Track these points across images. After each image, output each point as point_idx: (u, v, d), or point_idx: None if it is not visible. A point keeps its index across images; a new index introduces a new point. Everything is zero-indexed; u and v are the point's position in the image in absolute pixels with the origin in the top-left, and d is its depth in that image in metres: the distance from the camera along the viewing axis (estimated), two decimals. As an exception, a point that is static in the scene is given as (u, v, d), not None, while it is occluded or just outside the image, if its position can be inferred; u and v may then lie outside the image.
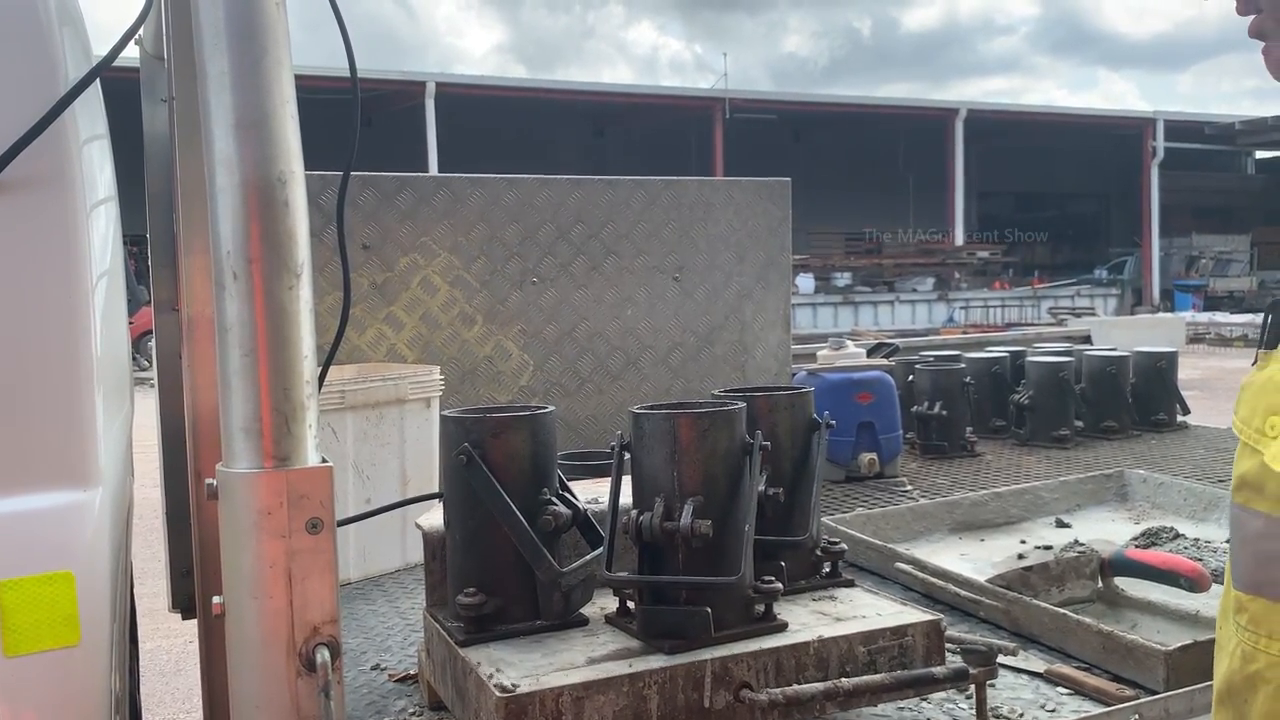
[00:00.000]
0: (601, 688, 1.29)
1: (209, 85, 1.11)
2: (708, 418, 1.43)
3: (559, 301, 3.55)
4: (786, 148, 33.10)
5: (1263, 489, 1.01)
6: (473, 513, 1.49)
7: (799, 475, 1.63)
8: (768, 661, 1.37)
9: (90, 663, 1.38)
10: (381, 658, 2.10)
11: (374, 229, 3.29)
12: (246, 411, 1.08)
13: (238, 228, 1.08)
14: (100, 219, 1.62)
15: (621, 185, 3.64)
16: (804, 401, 1.67)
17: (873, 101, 35.13)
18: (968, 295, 29.62)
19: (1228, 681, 1.07)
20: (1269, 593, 1.02)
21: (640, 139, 32.66)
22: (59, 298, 1.42)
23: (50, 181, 1.42)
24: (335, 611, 1.10)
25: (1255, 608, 1.03)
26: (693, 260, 3.74)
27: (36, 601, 1.33)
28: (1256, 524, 1.03)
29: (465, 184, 3.43)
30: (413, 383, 2.79)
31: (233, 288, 1.08)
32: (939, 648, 1.48)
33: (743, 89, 34.55)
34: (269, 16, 1.13)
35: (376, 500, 2.56)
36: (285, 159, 1.10)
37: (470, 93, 28.83)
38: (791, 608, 1.52)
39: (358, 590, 2.60)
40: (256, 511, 1.08)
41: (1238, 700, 1.05)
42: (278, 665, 1.09)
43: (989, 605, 2.09)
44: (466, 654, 1.41)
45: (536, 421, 1.52)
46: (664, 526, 1.39)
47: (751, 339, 3.85)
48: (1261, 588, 1.02)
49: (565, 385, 3.57)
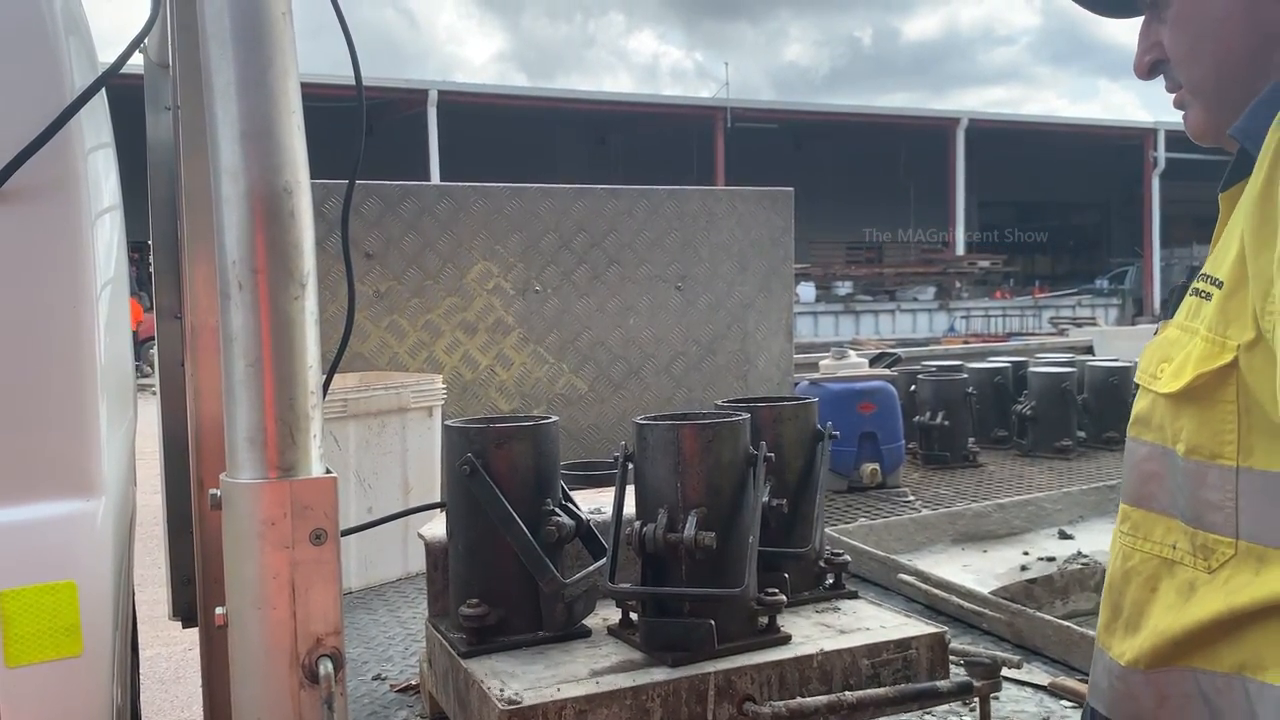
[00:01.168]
0: (605, 700, 1.29)
1: (215, 95, 1.11)
2: (712, 429, 1.43)
3: (561, 310, 3.55)
4: (788, 156, 33.14)
5: (1149, 422, 1.25)
6: (475, 523, 1.49)
7: (802, 486, 1.63)
8: (771, 674, 1.37)
9: (92, 673, 1.37)
10: (383, 668, 2.10)
11: (377, 237, 3.30)
12: (251, 421, 1.08)
13: (243, 238, 1.08)
14: (105, 227, 1.62)
15: (625, 195, 3.65)
16: (808, 412, 1.67)
17: (874, 111, 35.18)
18: (969, 304, 29.64)
19: (1110, 578, 1.30)
20: (1146, 505, 1.26)
21: (642, 147, 32.69)
22: (63, 306, 1.42)
23: (55, 190, 1.42)
24: (339, 623, 1.10)
25: (1136, 516, 1.27)
26: (695, 269, 3.74)
27: (39, 611, 1.33)
28: (1142, 450, 1.26)
29: (468, 193, 3.43)
30: (415, 391, 2.79)
31: (238, 298, 1.07)
32: (943, 660, 1.47)
33: (744, 98, 34.63)
34: (275, 26, 1.12)
35: (378, 509, 2.55)
36: (291, 169, 1.10)
37: (472, 101, 28.88)
38: (795, 620, 1.52)
39: (359, 599, 2.59)
40: (260, 522, 1.07)
41: (1115, 593, 1.29)
42: (281, 676, 1.08)
43: (992, 617, 2.09)
44: (469, 665, 1.40)
45: (540, 431, 1.52)
46: (667, 538, 1.38)
47: (754, 348, 3.85)
48: (1141, 501, 1.27)
49: (568, 394, 3.57)
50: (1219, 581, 1.16)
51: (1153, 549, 1.25)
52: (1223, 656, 1.16)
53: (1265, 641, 1.13)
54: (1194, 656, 1.18)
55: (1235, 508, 1.14)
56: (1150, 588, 1.24)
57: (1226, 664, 1.16)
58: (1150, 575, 1.25)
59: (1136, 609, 1.26)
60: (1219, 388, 1.13)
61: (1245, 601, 1.13)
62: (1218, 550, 1.16)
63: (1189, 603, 1.18)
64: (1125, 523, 1.30)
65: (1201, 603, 1.17)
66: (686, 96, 43.64)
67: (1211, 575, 1.17)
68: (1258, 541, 1.13)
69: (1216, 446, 1.15)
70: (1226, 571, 1.16)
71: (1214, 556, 1.17)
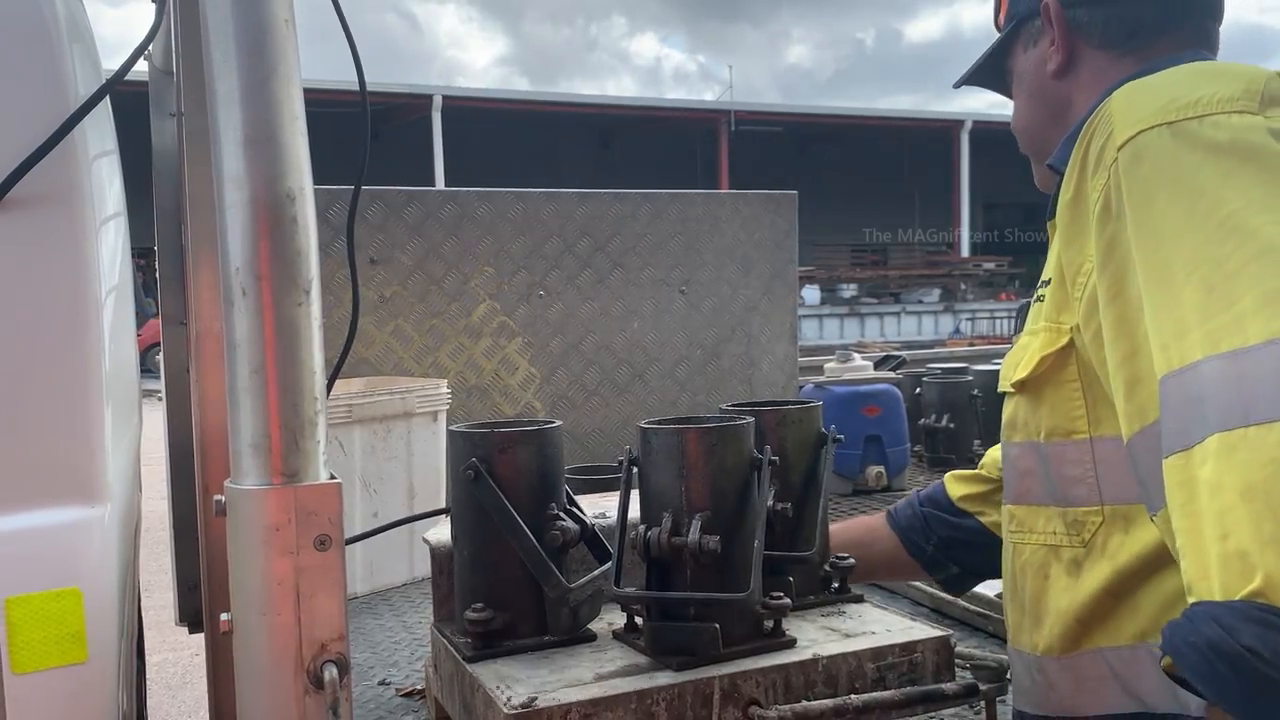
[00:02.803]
0: (610, 704, 1.28)
1: (218, 102, 1.11)
2: (716, 433, 1.42)
3: (566, 314, 3.55)
4: (792, 159, 33.16)
5: (1016, 424, 1.38)
6: (480, 528, 1.49)
7: (807, 489, 1.63)
8: (776, 678, 1.37)
9: (98, 680, 1.38)
10: (388, 673, 2.10)
11: (381, 242, 3.30)
12: (255, 428, 1.08)
13: (247, 245, 1.08)
14: (109, 234, 1.63)
15: (628, 199, 3.65)
16: (812, 415, 1.67)
17: (878, 113, 35.20)
18: (974, 307, 29.61)
19: (1007, 579, 1.42)
20: (1025, 500, 1.37)
21: (646, 151, 32.73)
22: (68, 313, 1.43)
23: (60, 197, 1.43)
24: (344, 629, 1.10)
25: (1020, 513, 1.39)
26: (699, 273, 3.75)
27: (44, 618, 1.33)
28: (1014, 451, 1.39)
29: (472, 198, 3.44)
30: (420, 396, 2.79)
31: (242, 304, 1.08)
32: (949, 664, 1.47)
33: (748, 101, 34.66)
34: (279, 33, 1.13)
35: (383, 514, 2.56)
36: (295, 176, 1.10)
37: (477, 106, 28.93)
38: (800, 624, 1.52)
39: (365, 604, 2.60)
40: (265, 528, 1.07)
41: (1016, 592, 1.40)
42: (286, 682, 1.09)
43: (998, 620, 2.08)
44: (474, 670, 1.40)
45: (544, 436, 1.52)
46: (672, 542, 1.38)
47: (758, 352, 3.85)
48: (1020, 497, 1.38)
49: (572, 398, 3.57)
50: (1097, 552, 1.26)
51: (1037, 539, 1.35)
52: (1123, 628, 1.24)
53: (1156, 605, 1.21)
54: (1096, 635, 1.27)
55: (1096, 476, 1.25)
56: (1043, 575, 1.34)
57: (1127, 635, 1.24)
58: (1040, 564, 1.34)
59: (1035, 600, 1.35)
60: (1062, 369, 1.27)
61: (1126, 559, 1.22)
62: (1087, 522, 1.27)
63: (1079, 580, 1.28)
64: (1012, 522, 1.41)
65: (1091, 576, 1.26)
66: (690, 100, 43.70)
67: (1088, 548, 1.27)
68: (1120, 502, 1.24)
69: (1070, 424, 1.27)
70: (1100, 539, 1.26)
71: (1085, 529, 1.27)
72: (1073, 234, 1.22)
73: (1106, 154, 1.15)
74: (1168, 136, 1.11)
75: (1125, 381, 1.10)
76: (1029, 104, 1.53)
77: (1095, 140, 1.19)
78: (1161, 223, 1.07)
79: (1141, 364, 1.08)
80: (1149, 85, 1.22)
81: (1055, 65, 1.45)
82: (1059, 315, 1.27)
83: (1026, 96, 1.53)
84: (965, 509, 1.84)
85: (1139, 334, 1.08)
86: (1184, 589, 0.97)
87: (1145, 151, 1.12)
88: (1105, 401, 1.21)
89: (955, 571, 1.89)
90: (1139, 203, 1.10)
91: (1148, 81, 1.24)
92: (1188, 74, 1.23)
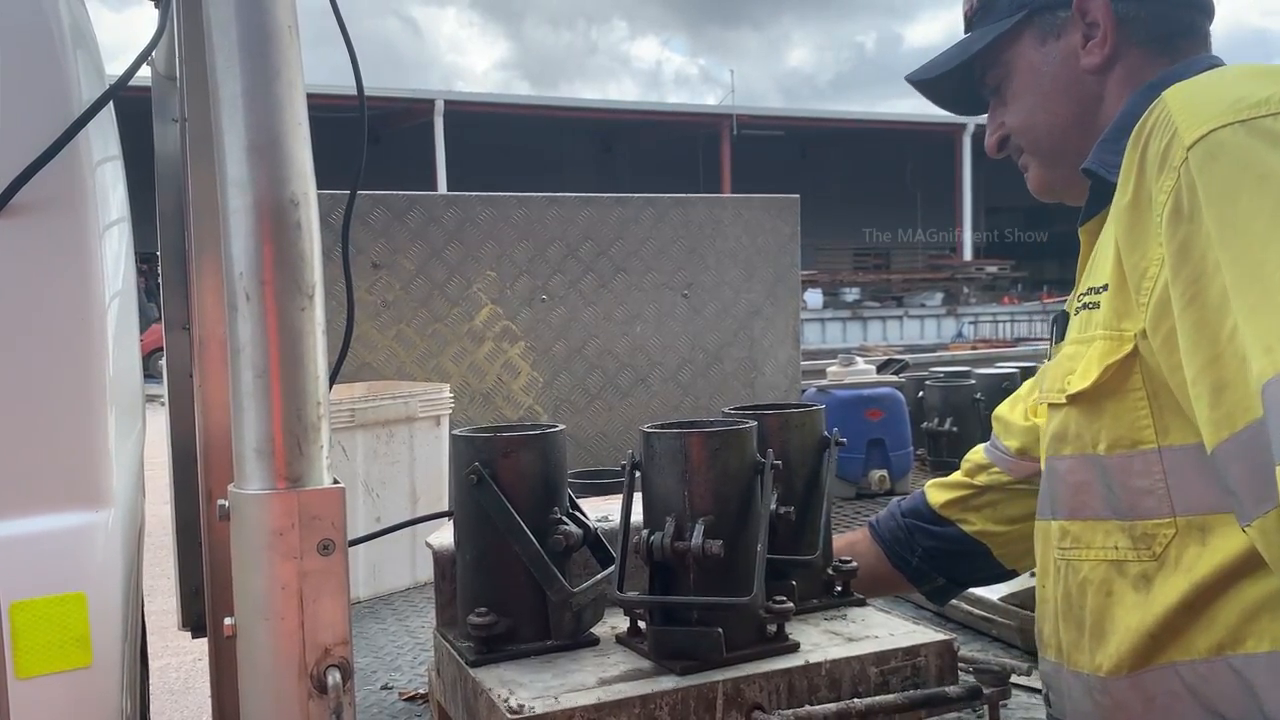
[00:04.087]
0: (613, 709, 1.28)
1: (221, 107, 1.12)
2: (719, 437, 1.42)
3: (568, 318, 3.55)
4: (794, 164, 33.18)
5: (1065, 436, 1.32)
6: (483, 532, 1.49)
7: (810, 493, 1.63)
8: (780, 682, 1.37)
9: (102, 684, 1.38)
10: (391, 677, 2.10)
11: (384, 247, 3.31)
12: (259, 432, 1.08)
13: (250, 250, 1.08)
14: (113, 239, 1.63)
15: (631, 203, 3.65)
16: (815, 419, 1.67)
17: (880, 117, 35.21)
18: (977, 310, 29.59)
19: (1066, 598, 1.35)
20: (1081, 515, 1.31)
21: (648, 155, 32.75)
22: (72, 318, 1.43)
23: (64, 203, 1.43)
24: (347, 633, 1.10)
25: (1074, 529, 1.33)
26: (702, 277, 3.75)
27: (48, 623, 1.33)
28: (1064, 465, 1.33)
29: (474, 202, 3.44)
30: (423, 401, 2.79)
31: (245, 309, 1.08)
32: (952, 667, 1.47)
33: (750, 105, 34.70)
34: (282, 39, 1.13)
35: (386, 518, 2.56)
36: (298, 181, 1.10)
37: (479, 110, 28.96)
38: (803, 628, 1.52)
39: (368, 609, 2.60)
40: (268, 532, 1.07)
41: (1074, 610, 1.33)
42: (289, 687, 1.09)
43: (1002, 624, 2.08)
44: (477, 674, 1.40)
45: (547, 440, 1.52)
46: (675, 546, 1.38)
47: (761, 355, 3.85)
48: (1076, 512, 1.32)
49: (575, 402, 3.57)
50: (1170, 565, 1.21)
51: (1098, 555, 1.29)
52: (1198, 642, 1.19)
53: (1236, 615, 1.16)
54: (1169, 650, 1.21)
55: (1166, 487, 1.20)
56: (1105, 592, 1.29)
57: (1203, 648, 1.19)
58: (1102, 580, 1.29)
59: (1098, 618, 1.30)
60: (1126, 378, 1.22)
61: (1205, 572, 1.17)
62: (1158, 535, 1.21)
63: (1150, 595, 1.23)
64: (1065, 539, 1.35)
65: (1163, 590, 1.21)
66: (692, 104, 43.72)
67: (1159, 561, 1.22)
68: (1195, 513, 1.19)
69: (1135, 434, 1.22)
70: (1173, 552, 1.20)
71: (1156, 542, 1.22)
72: (1135, 238, 1.18)
73: (1173, 154, 1.12)
74: (1243, 134, 1.08)
75: (1210, 388, 1.06)
76: (1045, 100, 1.47)
77: (1155, 141, 1.15)
78: (1250, 222, 1.04)
79: (1227, 369, 1.04)
80: (1205, 85, 1.19)
81: (1098, 59, 1.41)
82: (1120, 322, 1.22)
83: (1041, 92, 1.47)
84: (946, 516, 1.82)
85: (1221, 337, 1.05)
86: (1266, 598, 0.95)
87: (1220, 150, 1.08)
88: (1173, 409, 1.18)
89: (941, 583, 1.86)
90: (1219, 202, 1.07)
91: (1199, 82, 1.21)
92: (1241, 74, 1.20)
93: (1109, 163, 1.30)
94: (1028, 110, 1.49)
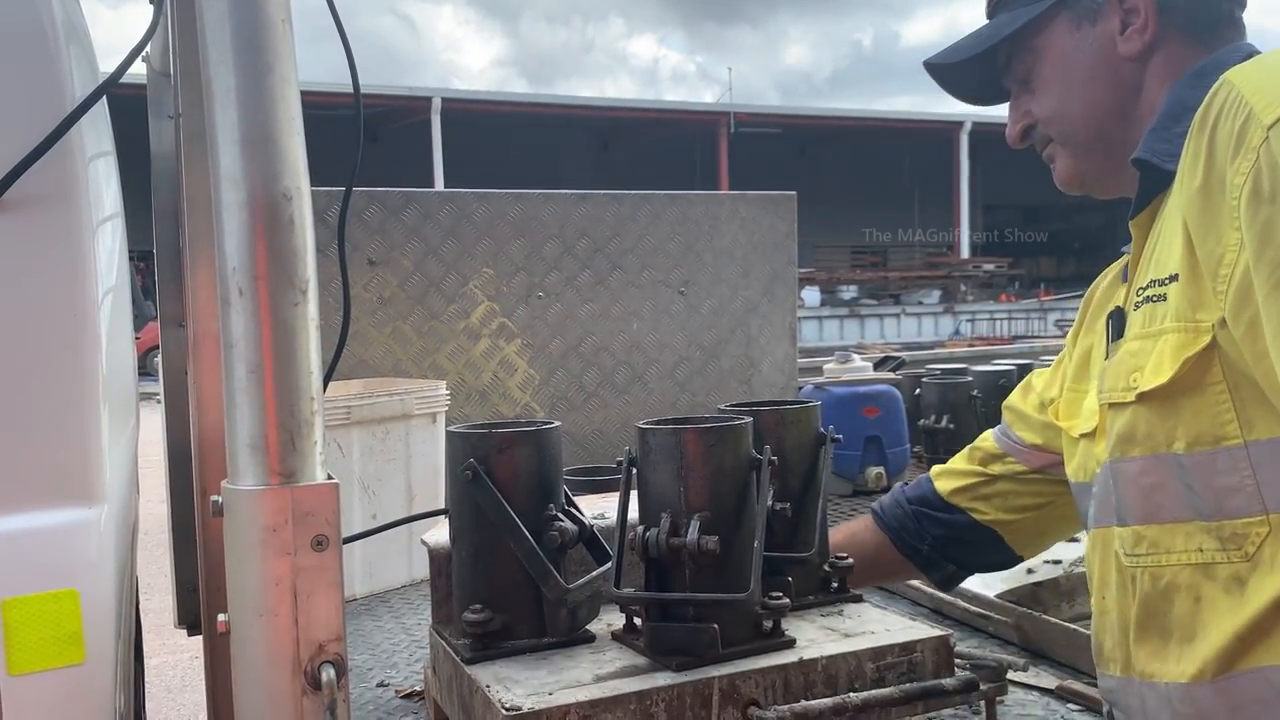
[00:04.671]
0: (609, 705, 1.28)
1: (215, 102, 1.11)
2: (714, 433, 1.42)
3: (565, 316, 3.55)
4: (792, 161, 33.18)
5: (1134, 438, 1.25)
6: (478, 529, 1.49)
7: (806, 490, 1.63)
8: (776, 679, 1.36)
9: (95, 681, 1.37)
10: (387, 674, 2.10)
11: (380, 244, 3.30)
12: (252, 428, 1.08)
13: (243, 245, 1.08)
14: (106, 235, 1.63)
15: (627, 200, 3.65)
16: (811, 416, 1.67)
17: (878, 115, 35.23)
18: (974, 308, 29.62)
19: (1145, 607, 1.26)
20: (1157, 518, 1.23)
21: (645, 153, 32.75)
22: (65, 314, 1.42)
23: (56, 199, 1.42)
24: (341, 629, 1.10)
25: (1151, 534, 1.25)
26: (698, 274, 3.74)
27: (41, 620, 1.33)
28: (1134, 467, 1.26)
29: (471, 199, 3.44)
30: (419, 398, 2.79)
31: (238, 304, 1.07)
32: (948, 664, 1.47)
33: (748, 103, 34.68)
34: (275, 34, 1.13)
35: (382, 515, 2.55)
36: (291, 176, 1.10)
37: (476, 109, 28.94)
38: (800, 624, 1.51)
39: (364, 606, 2.59)
40: (262, 528, 1.07)
41: (1157, 617, 1.25)
42: (283, 683, 1.08)
43: (998, 621, 2.08)
44: (473, 671, 1.40)
45: (542, 437, 1.52)
46: (670, 543, 1.38)
47: (758, 353, 3.85)
48: (1150, 516, 1.24)
49: (571, 399, 3.57)
50: (1265, 564, 1.14)
51: (1181, 559, 1.22)
52: None
53: None
54: (1257, 653, 1.15)
55: (1256, 483, 1.13)
56: (1193, 597, 1.21)
57: None
58: (1189, 585, 1.21)
59: (1186, 623, 1.22)
60: (1205, 371, 1.16)
61: None
62: (1249, 534, 1.15)
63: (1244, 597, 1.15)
64: (1139, 545, 1.27)
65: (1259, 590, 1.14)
66: (690, 102, 43.68)
67: (1253, 562, 1.15)
68: None
69: (1218, 429, 1.16)
70: (1268, 551, 1.13)
71: (1248, 541, 1.15)
72: (1208, 224, 1.13)
73: (1251, 135, 1.08)
74: None
75: None
76: (1080, 88, 1.41)
77: (1225, 122, 1.11)
78: None
79: None
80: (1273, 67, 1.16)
81: (1140, 45, 1.36)
82: (1195, 313, 1.17)
83: (1075, 80, 1.42)
84: (955, 504, 1.80)
85: None
86: None
87: None
88: (1257, 401, 1.14)
89: (951, 570, 1.86)
90: None
91: (1264, 63, 1.18)
92: None
93: (1163, 151, 1.26)
94: (1059, 99, 1.44)
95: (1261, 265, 1.06)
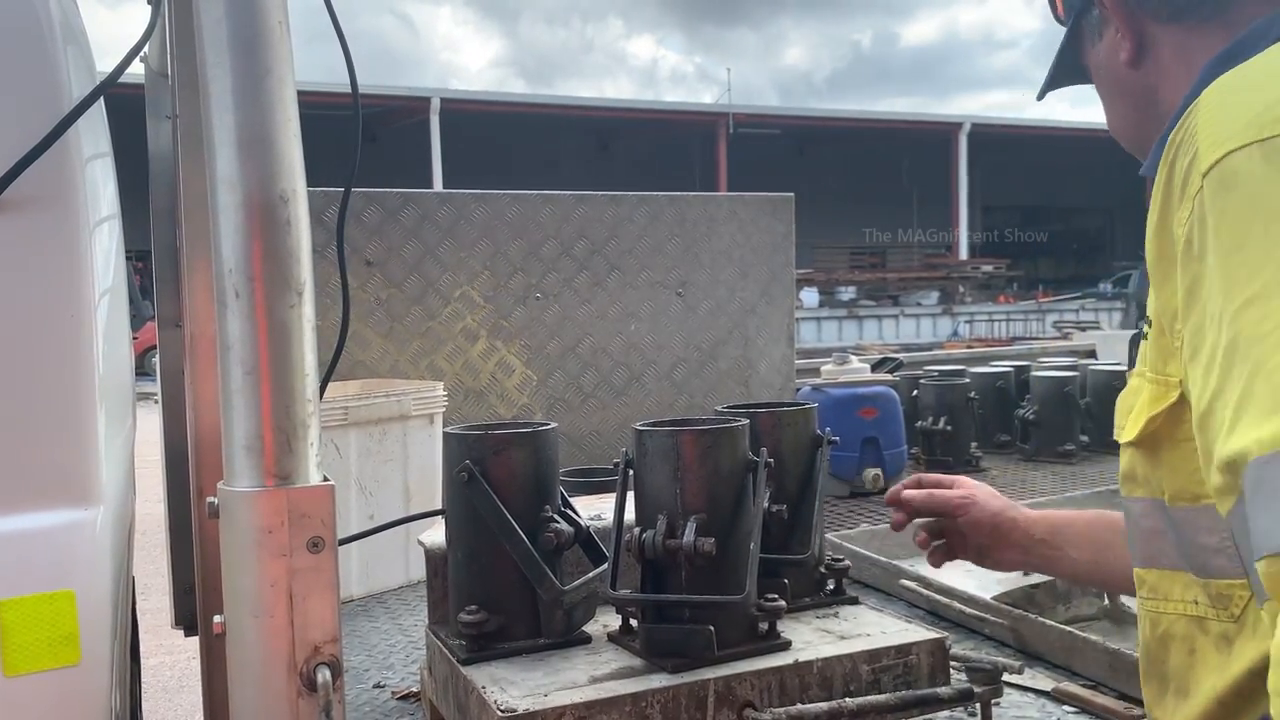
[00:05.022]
0: (604, 707, 1.28)
1: (211, 103, 1.11)
2: (711, 435, 1.42)
3: (562, 317, 3.55)
4: (790, 162, 33.18)
5: (1135, 477, 1.19)
6: (474, 530, 1.49)
7: (802, 491, 1.63)
8: (771, 680, 1.37)
9: (91, 681, 1.37)
10: (384, 675, 2.10)
11: (378, 245, 3.30)
12: (248, 429, 1.08)
13: (240, 246, 1.08)
14: (103, 236, 1.63)
15: (625, 201, 3.65)
16: (807, 417, 1.67)
17: (876, 116, 35.24)
18: (972, 309, 29.63)
19: (1146, 651, 1.22)
20: (1157, 564, 1.18)
21: (644, 153, 32.74)
22: (62, 315, 1.43)
23: (54, 199, 1.42)
24: (336, 631, 1.10)
25: (1151, 578, 1.19)
26: (696, 275, 3.74)
27: (37, 620, 1.33)
28: (1137, 507, 1.20)
29: (468, 200, 3.44)
30: (416, 399, 2.79)
31: (235, 306, 1.08)
32: (944, 666, 1.47)
33: (747, 104, 34.69)
34: (272, 35, 1.13)
35: (379, 516, 2.55)
36: (288, 177, 1.10)
37: (475, 109, 28.94)
38: (795, 626, 1.52)
39: (360, 607, 2.59)
40: (257, 530, 1.07)
41: (1156, 664, 1.20)
42: (278, 684, 1.08)
43: (994, 623, 2.08)
44: (468, 672, 1.40)
45: (539, 438, 1.52)
46: (667, 544, 1.38)
47: (755, 354, 3.85)
48: (1150, 561, 1.19)
49: (569, 400, 3.57)
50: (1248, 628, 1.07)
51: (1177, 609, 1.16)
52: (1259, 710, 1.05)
53: None
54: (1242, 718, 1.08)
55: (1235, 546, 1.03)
56: (1188, 650, 1.15)
57: None
58: (1184, 637, 1.16)
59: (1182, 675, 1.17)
60: (1176, 427, 1.08)
61: None
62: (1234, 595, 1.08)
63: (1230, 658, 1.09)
64: (1143, 587, 1.22)
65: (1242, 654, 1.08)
66: (689, 102, 43.68)
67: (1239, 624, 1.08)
68: None
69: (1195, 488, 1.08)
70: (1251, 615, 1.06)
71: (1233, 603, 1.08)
72: (1161, 273, 1.03)
73: (1191, 181, 0.96)
74: (1259, 159, 0.90)
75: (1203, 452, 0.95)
76: (1111, 102, 1.35)
77: (1180, 159, 1.00)
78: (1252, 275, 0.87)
79: None
80: (1244, 81, 1.01)
81: (1126, 54, 1.26)
82: (1165, 366, 1.08)
83: (1108, 95, 1.35)
84: None
85: None
86: None
87: (1234, 180, 0.91)
88: None
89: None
90: (1226, 245, 0.91)
91: (1244, 73, 1.03)
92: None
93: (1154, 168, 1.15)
94: (1108, 114, 1.38)
95: (1186, 330, 0.97)
